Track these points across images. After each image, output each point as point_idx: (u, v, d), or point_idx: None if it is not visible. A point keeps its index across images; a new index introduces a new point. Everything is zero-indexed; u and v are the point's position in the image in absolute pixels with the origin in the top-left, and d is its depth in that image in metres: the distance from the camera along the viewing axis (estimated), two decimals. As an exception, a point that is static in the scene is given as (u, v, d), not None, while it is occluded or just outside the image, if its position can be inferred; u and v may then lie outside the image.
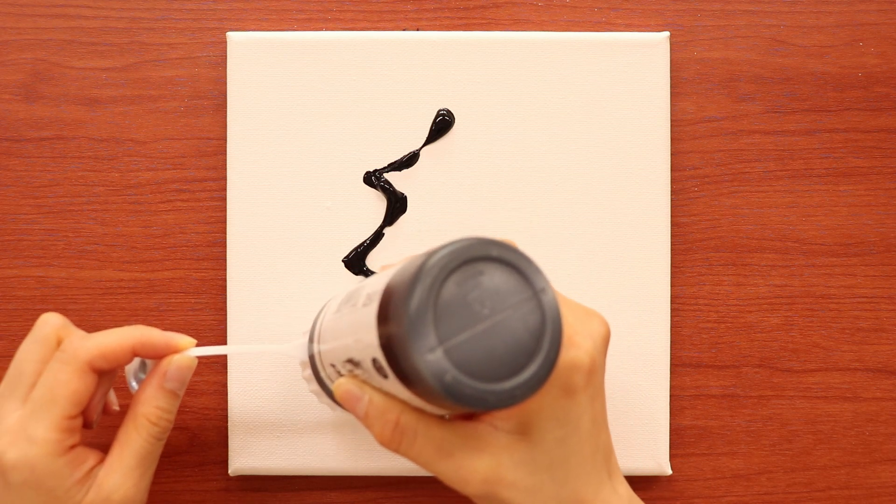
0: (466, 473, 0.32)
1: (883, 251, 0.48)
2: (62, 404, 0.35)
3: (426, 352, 0.27)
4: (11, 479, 0.34)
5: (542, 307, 0.28)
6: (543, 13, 0.48)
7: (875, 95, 0.48)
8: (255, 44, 0.46)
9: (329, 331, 0.34)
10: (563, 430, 0.33)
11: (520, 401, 0.28)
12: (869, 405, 0.48)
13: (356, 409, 0.33)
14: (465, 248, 0.27)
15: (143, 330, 0.38)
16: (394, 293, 0.28)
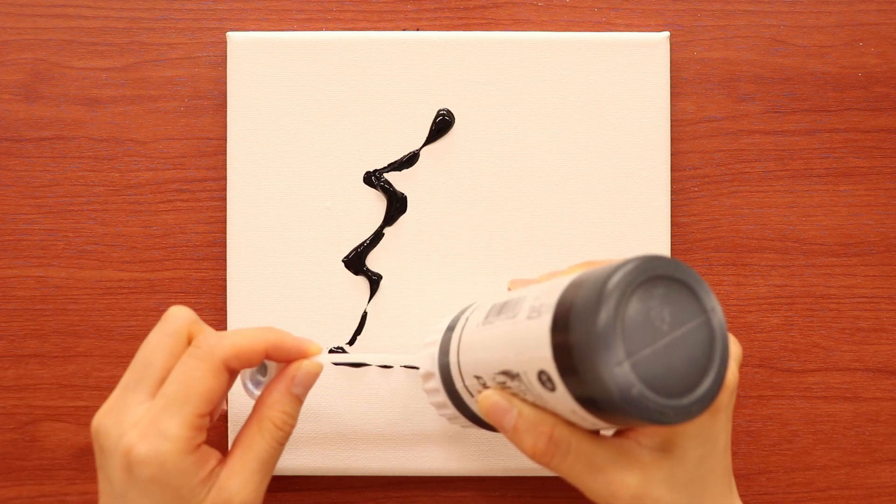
0: (617, 489, 0.32)
1: (883, 251, 0.48)
2: (196, 401, 0.34)
3: (614, 365, 0.27)
4: (139, 474, 0.33)
5: (712, 326, 0.29)
6: (543, 13, 0.48)
7: (875, 95, 0.48)
8: (255, 44, 0.46)
9: (476, 342, 0.34)
10: (704, 449, 0.34)
11: (695, 416, 0.28)
12: (869, 405, 0.48)
13: (503, 421, 0.33)
14: (649, 265, 0.28)
15: (276, 332, 0.37)
16: (574, 306, 0.28)
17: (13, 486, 0.47)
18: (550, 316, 0.29)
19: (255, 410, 0.37)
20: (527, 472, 0.46)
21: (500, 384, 0.33)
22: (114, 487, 0.34)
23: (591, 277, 0.29)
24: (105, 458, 0.34)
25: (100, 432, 0.35)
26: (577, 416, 0.31)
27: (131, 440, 0.33)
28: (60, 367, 0.48)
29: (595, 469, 0.32)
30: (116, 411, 0.35)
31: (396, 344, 0.46)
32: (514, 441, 0.33)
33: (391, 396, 0.46)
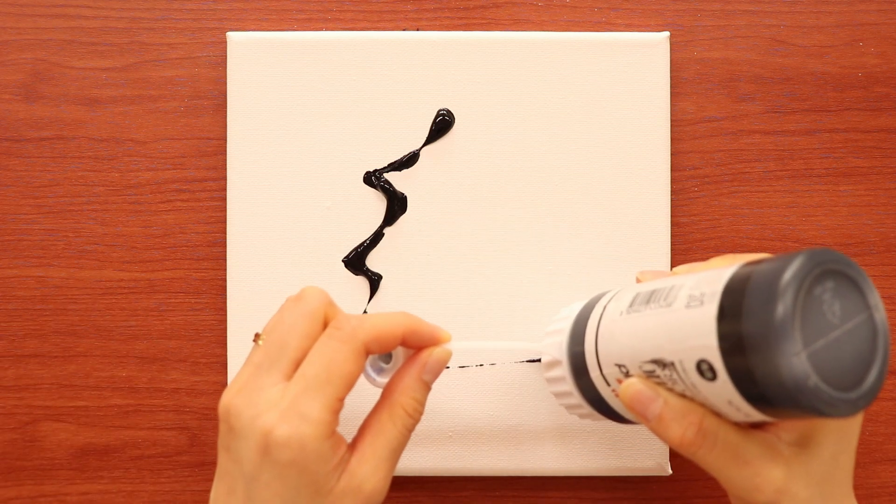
0: (761, 482, 0.32)
1: (883, 251, 0.48)
2: (337, 384, 0.33)
3: (792, 355, 0.27)
4: (278, 456, 0.32)
5: (875, 322, 0.29)
6: (543, 13, 0.48)
7: (875, 95, 0.48)
8: (255, 44, 0.46)
9: (621, 330, 0.34)
10: (839, 446, 0.34)
11: (860, 410, 0.29)
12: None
13: (648, 410, 0.33)
14: (822, 258, 0.28)
15: (412, 318, 0.36)
16: (748, 295, 0.28)
17: (13, 486, 0.47)
18: (716, 305, 0.29)
19: (384, 397, 0.36)
20: (527, 472, 0.46)
21: (646, 373, 0.33)
22: (243, 468, 0.33)
23: (760, 268, 0.29)
24: (236, 439, 0.33)
25: (230, 412, 0.34)
26: (731, 408, 0.31)
27: (270, 421, 0.32)
28: (60, 367, 0.48)
29: (741, 461, 0.32)
30: (249, 391, 0.34)
31: (396, 344, 0.46)
32: (657, 430, 0.33)
33: (391, 396, 0.46)
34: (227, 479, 0.34)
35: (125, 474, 0.48)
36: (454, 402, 0.46)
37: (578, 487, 0.48)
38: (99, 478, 0.48)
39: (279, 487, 0.33)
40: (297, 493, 0.33)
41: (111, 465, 0.48)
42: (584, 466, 0.46)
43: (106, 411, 0.48)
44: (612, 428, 0.46)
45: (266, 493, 0.33)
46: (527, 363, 0.46)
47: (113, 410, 0.48)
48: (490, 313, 0.46)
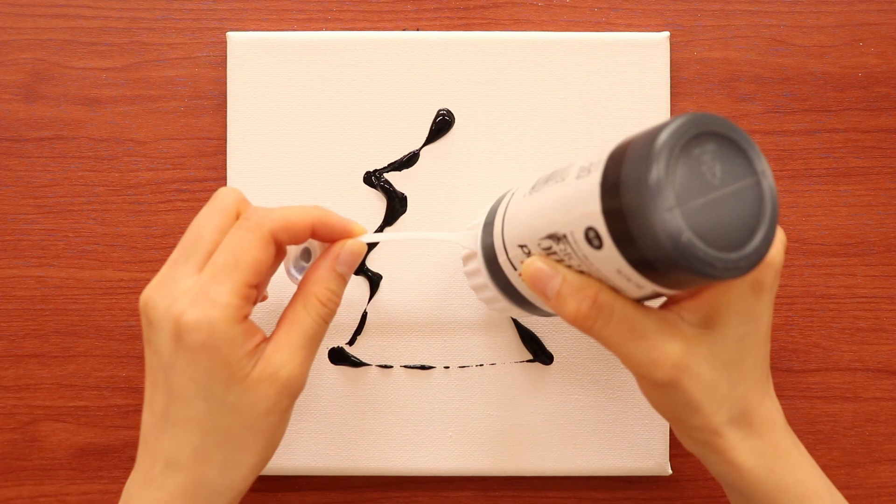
0: (658, 356, 0.32)
1: (883, 251, 0.48)
2: (245, 270, 0.34)
3: (664, 210, 0.27)
4: (189, 340, 0.33)
5: (762, 188, 0.29)
6: (543, 13, 0.48)
7: (875, 95, 0.48)
8: (255, 44, 0.46)
9: (522, 211, 0.34)
10: (745, 329, 0.33)
11: (742, 272, 0.28)
12: (869, 405, 0.48)
13: (547, 287, 0.33)
14: (701, 120, 0.28)
15: (323, 210, 0.37)
16: (626, 158, 0.28)
17: (13, 486, 0.47)
18: (601, 171, 0.29)
19: (299, 289, 0.37)
20: (527, 472, 0.46)
21: (544, 250, 0.33)
22: (162, 359, 0.34)
23: (642, 133, 0.29)
24: (153, 331, 0.34)
25: (148, 305, 0.34)
26: (622, 278, 0.30)
27: (181, 308, 0.33)
28: (60, 367, 0.48)
29: (637, 335, 0.32)
30: (165, 284, 0.34)
31: (397, 344, 0.46)
32: (556, 308, 0.33)
33: (391, 396, 0.46)
34: (150, 373, 0.35)
35: (125, 474, 0.48)
36: (454, 402, 0.46)
37: (578, 487, 0.48)
38: (99, 478, 0.48)
39: (193, 372, 0.33)
40: (211, 378, 0.33)
41: (111, 465, 0.48)
42: (584, 466, 0.46)
43: (106, 411, 0.48)
44: (612, 428, 0.46)
45: (182, 379, 0.33)
46: (527, 363, 0.46)
47: (113, 410, 0.48)
48: (491, 314, 0.46)
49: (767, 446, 0.34)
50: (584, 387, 0.46)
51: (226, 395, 0.34)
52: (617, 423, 0.46)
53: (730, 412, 0.33)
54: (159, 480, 0.34)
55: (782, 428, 0.35)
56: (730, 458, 0.34)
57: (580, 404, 0.46)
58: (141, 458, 0.35)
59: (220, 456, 0.34)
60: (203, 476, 0.34)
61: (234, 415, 0.34)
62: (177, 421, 0.34)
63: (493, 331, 0.46)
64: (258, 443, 0.35)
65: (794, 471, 0.34)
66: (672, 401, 0.33)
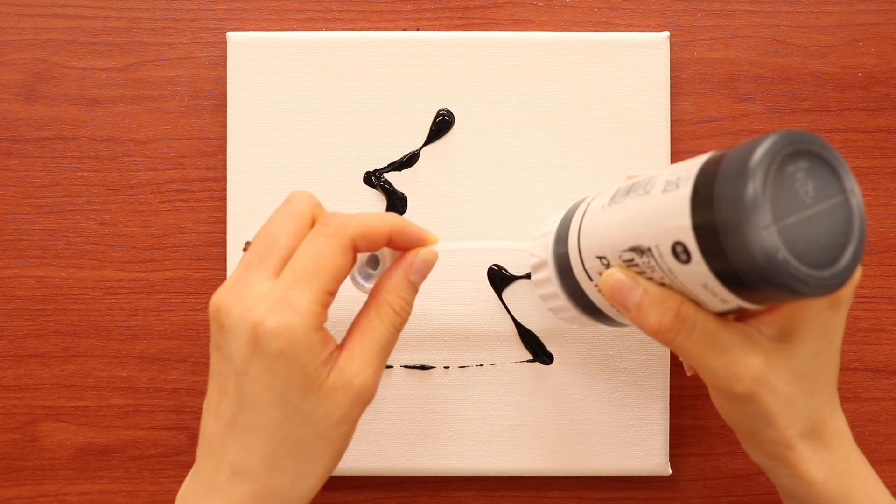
0: (739, 370, 0.32)
1: (883, 251, 0.48)
2: (325, 277, 0.33)
3: (761, 228, 0.27)
4: (268, 347, 0.32)
5: (851, 206, 0.29)
6: (543, 13, 0.48)
7: (875, 95, 0.48)
8: (255, 44, 0.46)
9: (602, 222, 0.34)
10: (821, 343, 0.33)
11: (833, 290, 0.28)
12: (869, 405, 0.48)
13: (628, 299, 0.33)
14: (795, 138, 0.28)
15: (400, 218, 0.36)
16: (720, 174, 0.28)
17: (13, 486, 0.47)
18: (691, 186, 0.29)
19: (371, 297, 0.36)
20: (527, 472, 0.46)
21: (625, 262, 0.33)
22: (234, 364, 0.33)
23: (734, 149, 0.29)
24: (226, 336, 0.33)
25: (220, 310, 0.33)
26: (708, 293, 0.30)
27: (260, 313, 0.32)
28: (60, 367, 0.48)
29: (718, 349, 0.32)
30: (239, 289, 0.34)
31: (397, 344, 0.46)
32: (636, 319, 0.33)
33: (391, 396, 0.46)
34: (218, 378, 0.34)
35: (125, 474, 0.48)
36: (454, 402, 0.46)
37: (578, 487, 0.48)
38: (99, 478, 0.48)
39: (269, 380, 0.32)
40: (287, 386, 0.33)
41: (111, 465, 0.48)
42: (584, 466, 0.46)
43: (106, 411, 0.48)
44: (612, 428, 0.46)
45: (257, 386, 0.33)
46: (527, 363, 0.46)
47: (113, 410, 0.48)
48: (491, 314, 0.46)
49: (837, 460, 0.34)
50: (584, 387, 0.46)
51: (301, 403, 0.33)
52: (617, 423, 0.46)
53: (803, 426, 0.34)
54: (225, 489, 0.33)
55: (851, 442, 0.35)
56: (800, 472, 0.34)
57: (580, 404, 0.46)
58: (202, 465, 0.34)
59: (290, 465, 0.33)
60: (272, 486, 0.33)
61: (308, 424, 0.33)
62: (246, 428, 0.33)
63: (493, 331, 0.46)
64: (328, 452, 0.34)
65: (864, 486, 0.35)
66: (748, 414, 0.33)
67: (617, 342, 0.46)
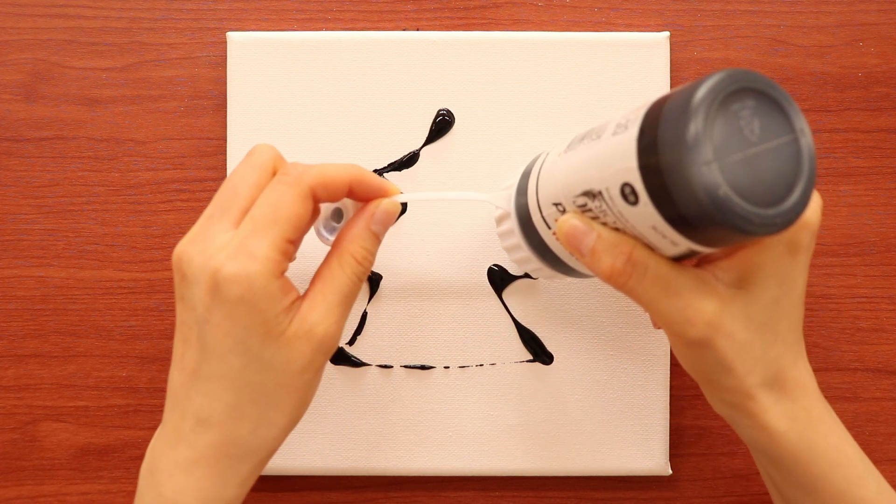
0: (692, 314, 0.32)
1: (883, 251, 0.48)
2: (283, 225, 0.33)
3: (702, 164, 0.27)
4: (227, 294, 0.32)
5: (800, 146, 0.29)
6: (543, 13, 0.48)
7: (875, 95, 0.48)
8: (255, 44, 0.46)
9: (558, 169, 0.34)
10: (780, 290, 0.33)
11: (779, 229, 0.28)
12: (869, 405, 0.48)
13: (582, 244, 0.32)
14: (741, 76, 0.28)
15: (360, 169, 0.36)
16: (664, 113, 0.28)
17: (13, 486, 0.47)
18: (638, 127, 0.29)
19: (334, 247, 0.37)
20: (527, 472, 0.46)
21: (579, 208, 0.33)
22: (196, 314, 0.33)
23: (681, 88, 0.29)
24: (188, 285, 0.34)
25: (183, 259, 0.34)
26: (658, 235, 0.30)
27: (219, 261, 0.33)
28: (60, 367, 0.48)
29: (671, 293, 0.32)
30: (201, 239, 0.34)
31: (397, 344, 0.46)
32: (590, 265, 0.33)
33: (391, 396, 0.46)
34: (182, 329, 0.35)
35: (125, 474, 0.48)
36: (454, 402, 0.46)
37: (578, 487, 0.48)
38: (99, 478, 0.48)
39: (230, 327, 0.33)
40: (248, 333, 0.33)
41: (111, 465, 0.48)
42: (584, 466, 0.46)
43: (106, 411, 0.48)
44: (612, 428, 0.46)
45: (218, 334, 0.33)
46: (527, 363, 0.46)
47: (113, 410, 0.48)
48: (491, 314, 0.46)
49: (800, 410, 0.34)
50: (584, 387, 0.46)
51: (262, 350, 0.33)
52: (617, 423, 0.46)
53: (763, 374, 0.33)
54: (189, 438, 0.34)
55: (815, 392, 0.35)
56: (762, 422, 0.33)
57: (580, 404, 0.46)
58: (169, 416, 0.35)
59: (253, 413, 0.34)
60: (235, 433, 0.34)
61: (269, 371, 0.33)
62: (209, 377, 0.33)
63: (493, 331, 0.46)
64: (292, 401, 0.34)
65: (827, 436, 0.34)
66: (704, 361, 0.33)
67: (617, 342, 0.46)
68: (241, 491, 0.35)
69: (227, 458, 0.34)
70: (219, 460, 0.34)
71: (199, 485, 0.34)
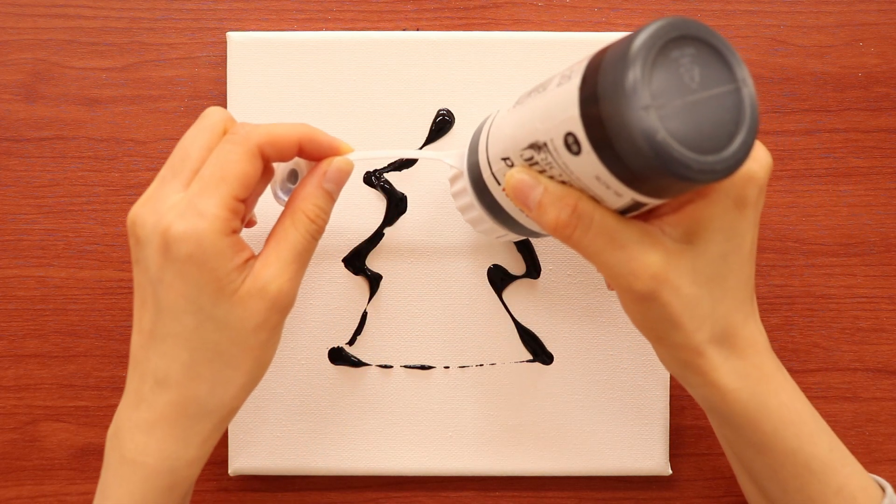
0: (637, 266, 0.31)
1: (883, 251, 0.48)
2: (232, 183, 0.34)
3: (640, 109, 0.27)
4: (177, 252, 0.33)
5: (742, 96, 0.29)
6: (543, 13, 0.48)
7: (875, 95, 0.48)
8: (255, 44, 0.46)
9: (506, 125, 0.34)
10: (728, 245, 0.33)
11: (718, 177, 0.28)
12: (869, 405, 0.48)
13: (529, 198, 0.33)
14: (681, 23, 0.28)
15: (309, 127, 0.37)
16: (604, 61, 0.28)
17: (13, 486, 0.47)
18: (580, 76, 0.29)
19: (287, 206, 0.37)
20: (527, 472, 0.46)
21: (526, 161, 0.33)
22: (150, 275, 0.34)
23: (621, 38, 0.29)
24: (141, 247, 0.34)
25: (136, 222, 0.34)
26: (601, 186, 0.30)
27: (168, 220, 0.33)
28: (60, 367, 0.48)
29: (616, 245, 0.32)
30: (153, 201, 0.34)
31: (397, 344, 0.46)
32: (537, 218, 0.33)
33: (391, 396, 0.46)
34: (139, 291, 0.35)
35: (125, 474, 0.47)
36: (454, 402, 0.46)
37: (578, 487, 0.48)
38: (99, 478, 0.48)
39: (181, 286, 0.33)
40: (200, 291, 0.33)
41: (111, 465, 0.48)
42: (584, 466, 0.46)
43: (106, 411, 0.48)
44: (612, 428, 0.46)
45: (170, 293, 0.33)
46: (527, 363, 0.46)
47: (113, 410, 0.47)
48: (491, 314, 0.46)
49: (751, 368, 0.34)
50: (584, 387, 0.46)
51: (214, 309, 0.33)
52: (617, 423, 0.46)
53: (712, 331, 0.33)
54: (149, 399, 0.34)
55: (766, 350, 0.34)
56: (712, 379, 0.33)
57: (580, 404, 0.46)
58: (130, 379, 0.35)
59: (209, 372, 0.34)
60: (193, 393, 0.34)
61: (223, 330, 0.34)
62: (165, 337, 0.34)
63: (493, 331, 0.46)
64: (248, 360, 0.35)
65: (778, 393, 0.34)
66: (652, 316, 0.33)
67: (617, 342, 0.46)
68: (202, 451, 0.35)
69: (186, 418, 0.34)
70: (178, 420, 0.34)
71: (159, 445, 0.34)
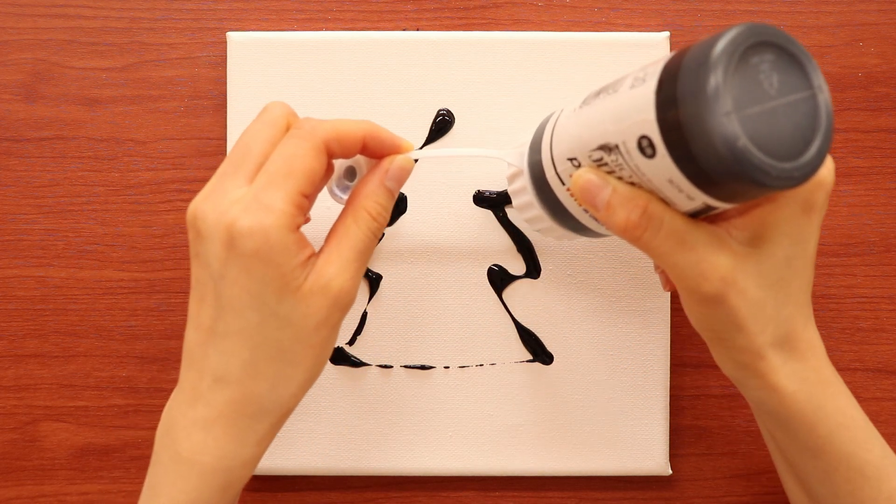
0: (707, 268, 0.32)
1: (883, 251, 0.48)
2: (298, 178, 0.33)
3: (721, 115, 0.27)
4: (243, 247, 0.32)
5: (818, 102, 0.29)
6: (543, 13, 0.48)
7: (875, 95, 0.48)
8: (255, 44, 0.46)
9: (572, 125, 0.34)
10: (793, 250, 0.33)
11: (796, 183, 0.28)
12: (869, 405, 0.48)
13: (597, 198, 0.32)
14: (761, 30, 0.28)
15: (374, 125, 0.36)
16: (684, 65, 0.28)
17: (13, 486, 0.47)
18: (656, 79, 0.29)
19: (348, 204, 0.36)
20: (527, 472, 0.46)
21: (595, 162, 0.33)
22: (211, 270, 0.33)
23: (700, 42, 0.29)
24: (202, 242, 0.33)
25: (197, 216, 0.33)
26: (674, 189, 0.30)
27: (234, 215, 0.32)
28: (60, 367, 0.48)
29: (686, 247, 0.32)
30: (215, 195, 0.33)
31: (397, 344, 0.46)
32: (605, 219, 0.33)
33: (391, 396, 0.46)
34: (198, 287, 0.34)
35: (125, 474, 0.48)
36: (454, 402, 0.46)
37: (578, 487, 0.48)
38: (99, 478, 0.48)
39: (246, 281, 0.32)
40: (264, 287, 0.32)
41: (111, 465, 0.48)
42: (584, 466, 0.46)
43: (106, 411, 0.48)
44: (612, 428, 0.46)
45: (234, 289, 0.33)
46: (527, 363, 0.46)
47: (113, 410, 0.48)
48: (491, 313, 0.46)
49: (810, 371, 0.34)
50: (584, 387, 0.46)
51: (278, 306, 0.33)
52: (617, 423, 0.46)
53: (774, 334, 0.33)
54: (207, 396, 0.34)
55: (824, 355, 0.35)
56: (771, 382, 0.33)
57: (580, 404, 0.46)
58: (185, 375, 0.34)
59: (270, 370, 0.33)
60: (252, 391, 0.34)
61: (286, 327, 0.33)
62: (226, 334, 0.33)
63: (493, 331, 0.46)
64: (308, 358, 0.34)
65: (836, 398, 0.34)
66: (717, 318, 0.33)
67: (617, 342, 0.46)
68: (258, 450, 0.35)
69: (244, 417, 0.34)
70: (237, 418, 0.34)
71: (216, 443, 0.34)
